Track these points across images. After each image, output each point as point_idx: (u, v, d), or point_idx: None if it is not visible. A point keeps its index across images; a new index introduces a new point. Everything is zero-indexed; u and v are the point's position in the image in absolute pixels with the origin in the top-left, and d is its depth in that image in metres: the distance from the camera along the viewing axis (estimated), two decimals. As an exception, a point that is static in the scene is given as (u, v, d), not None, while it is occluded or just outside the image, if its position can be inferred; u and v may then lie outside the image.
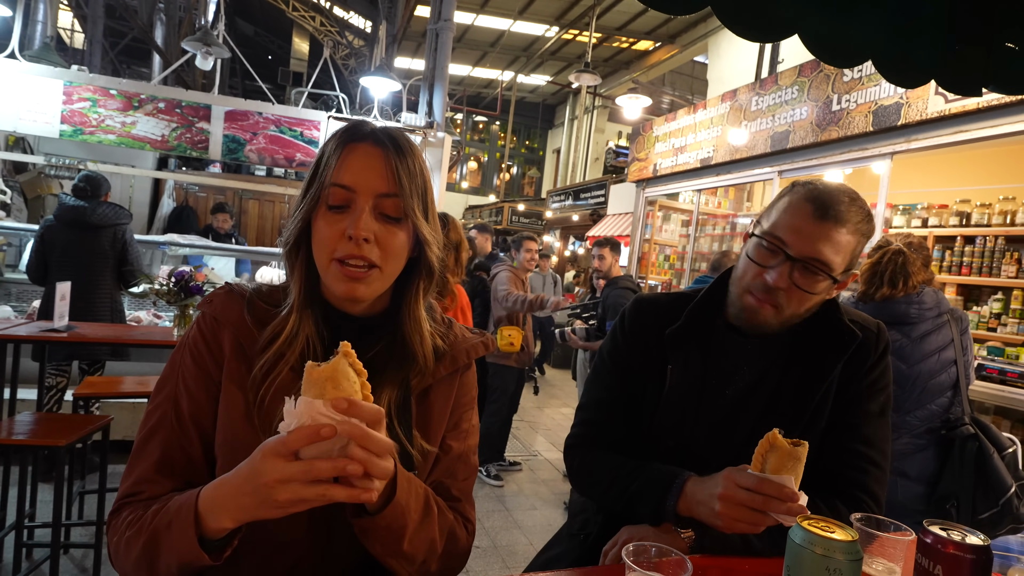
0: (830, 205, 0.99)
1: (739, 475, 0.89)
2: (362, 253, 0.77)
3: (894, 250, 2.05)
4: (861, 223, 1.02)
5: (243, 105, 5.25)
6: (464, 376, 0.93)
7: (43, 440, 2.20)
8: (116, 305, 3.66)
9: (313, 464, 0.59)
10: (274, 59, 16.09)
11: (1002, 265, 4.27)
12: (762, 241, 1.03)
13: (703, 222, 7.03)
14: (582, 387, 7.08)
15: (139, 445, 0.80)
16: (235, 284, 0.88)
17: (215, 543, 0.68)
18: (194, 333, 0.85)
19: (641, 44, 12.87)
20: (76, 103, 4.83)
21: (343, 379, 0.63)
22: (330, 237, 0.79)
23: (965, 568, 0.68)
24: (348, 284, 0.79)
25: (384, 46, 6.80)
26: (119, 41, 12.10)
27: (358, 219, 0.77)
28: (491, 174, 21.05)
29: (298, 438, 0.59)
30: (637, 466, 1.08)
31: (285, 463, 0.60)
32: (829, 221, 0.98)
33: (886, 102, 4.15)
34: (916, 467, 1.97)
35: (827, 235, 0.98)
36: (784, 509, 0.85)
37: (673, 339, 1.12)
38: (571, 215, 12.08)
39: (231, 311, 0.83)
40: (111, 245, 3.58)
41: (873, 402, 1.08)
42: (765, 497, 0.85)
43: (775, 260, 1.01)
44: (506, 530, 3.44)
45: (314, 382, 0.62)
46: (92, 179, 3.58)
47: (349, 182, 0.78)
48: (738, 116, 5.74)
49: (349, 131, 0.83)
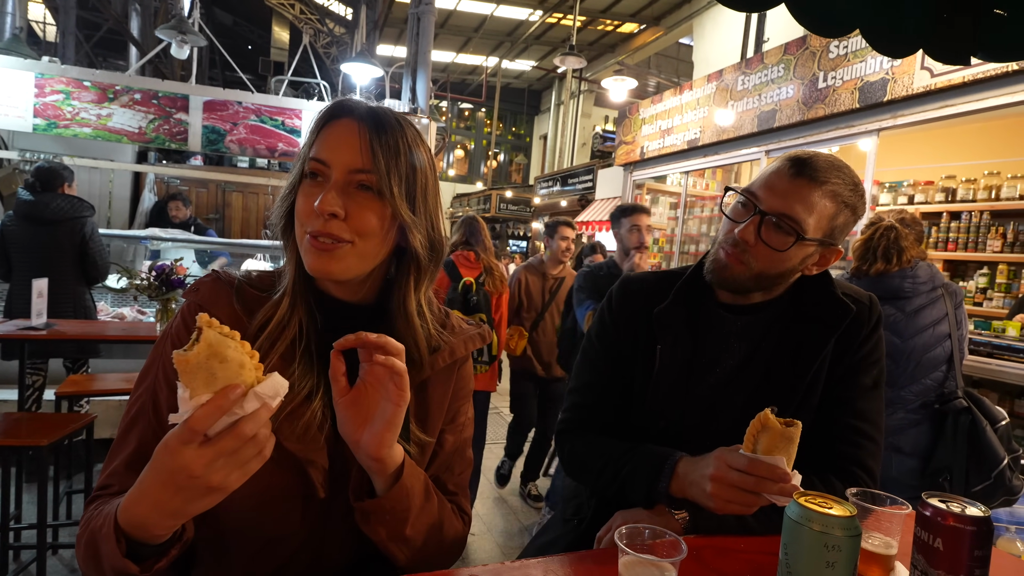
0: (808, 165, 0.99)
1: (730, 456, 0.88)
2: (328, 229, 0.75)
3: (886, 225, 2.05)
4: (842, 190, 0.99)
5: (222, 95, 5.14)
6: (462, 369, 0.91)
7: (25, 440, 2.15)
8: (80, 301, 3.52)
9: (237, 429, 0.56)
10: (254, 49, 15.83)
11: (987, 240, 4.30)
12: (739, 198, 1.05)
13: (691, 204, 7.02)
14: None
15: (118, 437, 0.78)
16: (222, 271, 0.85)
17: (155, 548, 0.64)
18: (178, 323, 0.81)
19: (626, 27, 12.77)
20: (49, 96, 4.71)
21: (225, 350, 0.57)
22: (304, 211, 0.77)
23: (966, 540, 0.66)
24: (318, 258, 0.76)
25: (365, 32, 6.69)
26: (94, 33, 11.83)
27: (326, 194, 0.75)
28: (478, 162, 20.93)
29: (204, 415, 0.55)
30: (628, 449, 1.07)
31: (200, 449, 0.55)
32: (803, 178, 0.98)
33: (872, 78, 4.14)
34: (910, 442, 1.98)
35: (799, 192, 0.98)
36: (776, 490, 0.83)
37: (661, 318, 1.10)
38: (559, 201, 12.04)
39: (218, 300, 0.80)
40: (69, 239, 3.42)
41: (866, 375, 1.07)
42: (757, 478, 0.84)
43: (747, 215, 1.01)
44: (501, 515, 3.44)
45: (194, 370, 0.56)
46: (42, 171, 3.42)
47: (324, 156, 0.77)
48: (724, 96, 5.71)
49: (332, 107, 0.81)
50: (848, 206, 1.01)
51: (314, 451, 0.76)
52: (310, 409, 0.77)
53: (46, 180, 3.41)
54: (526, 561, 0.84)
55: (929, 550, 0.68)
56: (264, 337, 0.77)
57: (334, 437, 0.78)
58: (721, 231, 1.07)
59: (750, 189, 1.03)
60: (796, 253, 1.00)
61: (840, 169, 1.01)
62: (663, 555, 0.70)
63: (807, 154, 1.01)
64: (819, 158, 1.00)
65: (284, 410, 0.74)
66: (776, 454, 0.84)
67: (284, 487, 0.76)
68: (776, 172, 1.01)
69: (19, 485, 2.72)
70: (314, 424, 0.77)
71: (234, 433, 0.56)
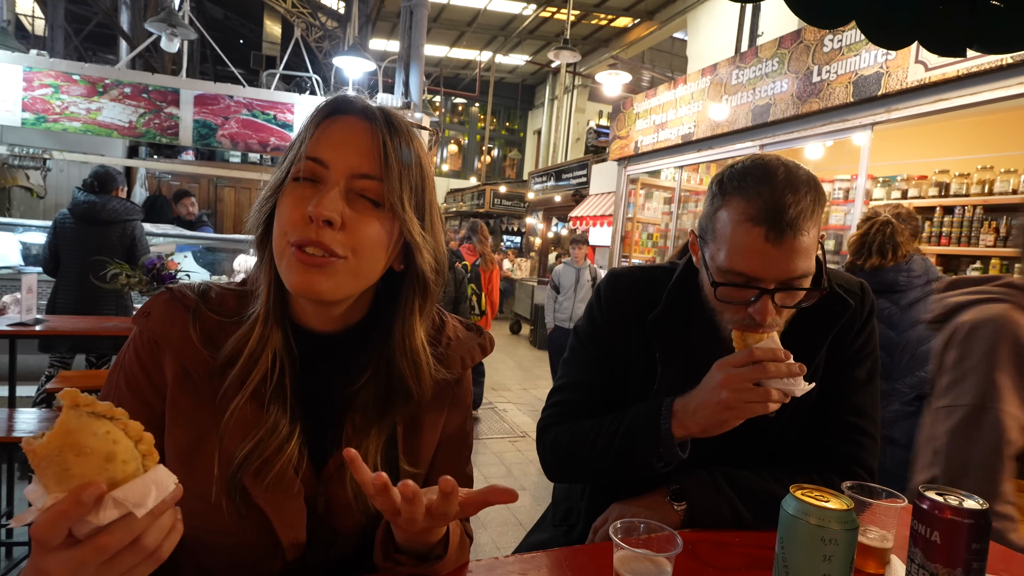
0: (778, 218, 0.84)
1: (726, 361, 0.89)
2: (320, 239, 0.63)
3: (882, 221, 2.05)
4: (811, 200, 0.87)
5: (213, 89, 5.10)
6: (458, 388, 0.82)
7: (17, 437, 2.16)
8: (122, 300, 3.67)
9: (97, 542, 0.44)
10: (246, 43, 15.68)
11: (980, 235, 4.31)
12: (727, 279, 0.91)
13: (685, 199, 7.02)
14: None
15: None
16: (177, 289, 0.72)
17: None
18: (130, 355, 0.70)
19: (620, 21, 12.74)
20: (37, 90, 4.66)
21: (86, 439, 0.44)
22: (290, 217, 0.65)
23: (963, 533, 0.66)
24: (304, 273, 0.64)
25: (357, 26, 6.64)
26: (83, 27, 11.70)
27: (323, 197, 0.63)
28: (472, 157, 20.86)
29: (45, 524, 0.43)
30: (616, 414, 1.04)
31: (62, 553, 0.44)
32: (787, 237, 0.85)
33: (866, 72, 4.13)
34: (905, 434, 1.98)
35: (792, 250, 0.85)
36: (785, 370, 0.85)
37: (656, 325, 1.05)
38: (553, 196, 12.01)
39: (172, 329, 0.68)
40: (120, 240, 3.62)
41: (861, 368, 1.05)
42: (762, 364, 0.85)
43: (751, 295, 0.89)
44: (495, 509, 3.44)
45: (44, 463, 0.44)
46: (100, 174, 3.66)
47: (324, 156, 0.66)
48: (719, 91, 5.70)
49: (334, 101, 0.70)
50: (819, 203, 0.90)
51: (287, 500, 0.68)
52: (284, 455, 0.67)
53: (103, 182, 3.64)
54: (520, 556, 0.84)
55: (926, 543, 0.68)
56: (234, 374, 0.67)
57: (314, 477, 0.71)
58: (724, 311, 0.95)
59: (735, 270, 0.89)
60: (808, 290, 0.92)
61: (792, 183, 0.87)
62: (658, 549, 0.69)
63: (770, 202, 0.86)
64: (780, 197, 0.85)
65: (253, 463, 0.66)
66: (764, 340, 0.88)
67: (256, 544, 0.68)
68: (753, 243, 0.86)
69: (11, 482, 2.71)
70: (289, 469, 0.68)
71: (94, 546, 0.44)
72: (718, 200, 0.93)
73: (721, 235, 0.91)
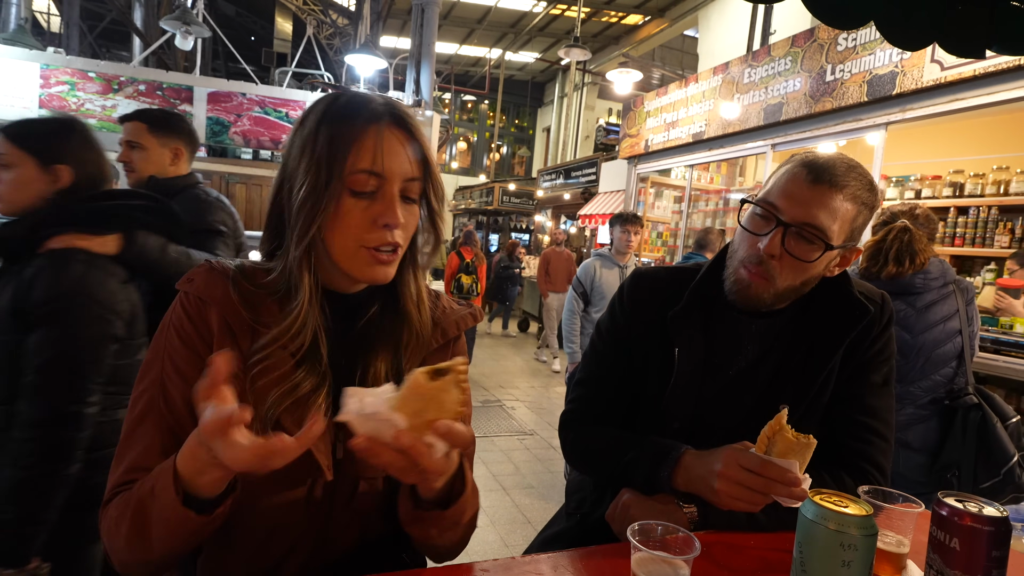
0: (825, 170, 0.96)
1: (742, 455, 0.87)
2: (393, 240, 0.77)
3: (899, 228, 1.97)
4: (861, 191, 0.97)
5: (226, 86, 5.13)
6: (455, 347, 0.92)
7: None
8: None
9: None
10: (257, 40, 15.74)
11: (995, 235, 4.27)
12: (756, 209, 1.01)
13: (695, 198, 6.99)
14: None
15: (126, 434, 0.76)
16: (215, 261, 0.82)
17: (207, 502, 0.66)
18: (178, 312, 0.79)
19: (630, 18, 12.68)
20: (54, 87, 4.71)
21: (447, 398, 0.62)
22: (360, 225, 0.76)
23: (983, 540, 0.65)
24: (380, 270, 0.78)
25: (368, 24, 6.66)
26: (97, 24, 11.79)
27: (393, 208, 0.75)
28: (481, 154, 20.85)
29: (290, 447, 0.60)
30: (633, 438, 1.07)
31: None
32: (823, 184, 0.95)
33: (881, 71, 4.10)
34: (919, 437, 1.96)
35: (821, 200, 0.95)
36: (786, 493, 0.83)
37: (676, 321, 1.08)
38: (562, 194, 11.98)
39: (215, 289, 0.78)
40: None
41: (877, 373, 1.06)
42: (767, 480, 0.84)
43: (768, 227, 0.98)
44: (504, 508, 3.45)
45: (418, 395, 0.62)
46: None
47: (380, 169, 0.75)
48: (730, 89, 5.67)
49: (360, 108, 0.76)
50: (866, 206, 0.99)
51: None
52: (315, 401, 0.76)
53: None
54: (536, 556, 0.84)
55: (945, 550, 0.68)
56: (271, 337, 0.76)
57: (335, 426, 0.76)
58: (740, 247, 1.03)
59: (767, 200, 0.99)
60: (821, 260, 0.98)
61: (854, 168, 0.98)
62: (676, 552, 0.70)
63: (822, 157, 0.98)
64: (835, 160, 0.98)
65: (285, 404, 0.75)
66: (790, 459, 0.83)
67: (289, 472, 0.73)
68: (792, 179, 0.98)
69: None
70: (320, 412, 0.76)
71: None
72: (785, 163, 1.03)
73: (772, 179, 1.02)
